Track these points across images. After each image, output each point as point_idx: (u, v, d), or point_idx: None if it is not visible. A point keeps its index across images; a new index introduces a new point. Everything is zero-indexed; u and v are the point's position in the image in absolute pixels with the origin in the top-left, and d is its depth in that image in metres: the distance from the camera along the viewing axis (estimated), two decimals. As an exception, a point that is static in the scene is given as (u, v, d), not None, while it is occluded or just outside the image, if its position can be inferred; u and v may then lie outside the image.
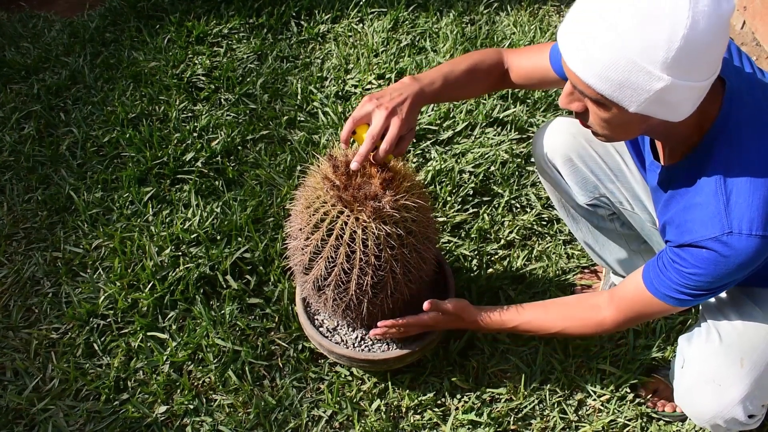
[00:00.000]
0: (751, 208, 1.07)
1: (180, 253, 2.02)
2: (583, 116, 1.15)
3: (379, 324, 1.57)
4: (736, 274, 1.13)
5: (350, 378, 1.79)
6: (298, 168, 2.27)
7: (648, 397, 1.75)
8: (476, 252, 2.06)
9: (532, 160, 2.32)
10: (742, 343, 1.32)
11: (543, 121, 2.43)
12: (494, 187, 2.25)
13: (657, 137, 1.22)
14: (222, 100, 2.57)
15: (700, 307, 1.47)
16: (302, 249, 1.48)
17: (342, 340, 1.72)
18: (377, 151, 1.34)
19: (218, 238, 2.06)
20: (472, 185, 2.23)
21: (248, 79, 2.63)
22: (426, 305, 1.52)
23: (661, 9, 0.93)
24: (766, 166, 1.09)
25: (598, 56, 0.99)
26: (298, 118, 2.49)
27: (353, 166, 1.34)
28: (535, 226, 2.15)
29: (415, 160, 2.33)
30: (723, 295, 1.42)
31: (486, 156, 2.32)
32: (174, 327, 1.89)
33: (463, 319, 1.55)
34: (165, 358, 1.81)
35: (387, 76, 2.62)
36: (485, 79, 1.51)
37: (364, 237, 1.40)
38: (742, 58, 1.19)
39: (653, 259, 1.27)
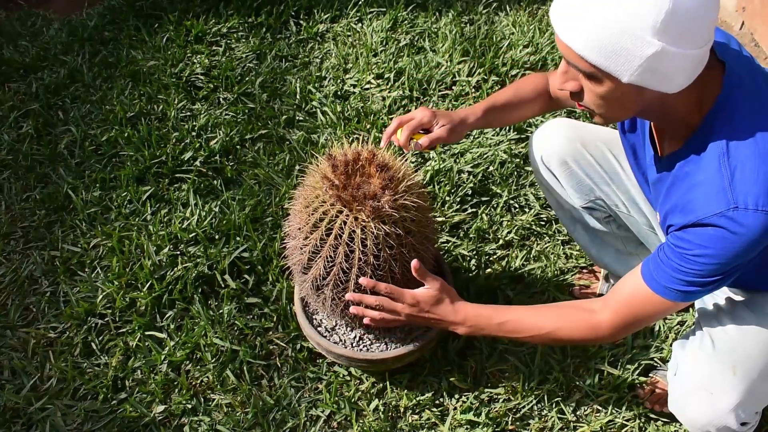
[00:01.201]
0: (756, 183, 1.04)
1: (178, 253, 2.02)
2: (578, 96, 1.14)
3: (361, 281, 1.43)
4: (744, 254, 1.09)
5: (348, 378, 1.79)
6: (297, 167, 2.27)
7: (646, 397, 1.75)
8: (475, 252, 2.06)
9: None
10: (736, 351, 1.30)
11: (542, 122, 2.43)
12: (493, 187, 2.25)
13: (656, 120, 1.20)
14: (221, 100, 2.57)
15: (696, 313, 1.47)
16: (301, 248, 1.48)
17: (340, 340, 1.72)
18: (402, 132, 1.51)
19: (216, 237, 2.06)
20: (471, 185, 2.23)
21: (247, 79, 2.63)
22: (414, 263, 1.38)
23: None
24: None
25: (589, 25, 1.00)
26: (297, 118, 2.49)
27: (381, 144, 1.51)
28: (534, 226, 2.15)
29: (413, 159, 2.33)
30: (719, 300, 1.40)
31: (485, 156, 2.32)
32: (172, 326, 1.88)
33: (445, 302, 1.41)
34: (163, 357, 1.81)
35: (386, 76, 2.62)
36: (532, 101, 1.60)
37: (363, 236, 1.40)
38: (741, 48, 1.19)
39: (653, 253, 1.22)
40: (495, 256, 2.07)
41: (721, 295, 1.41)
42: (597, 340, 1.35)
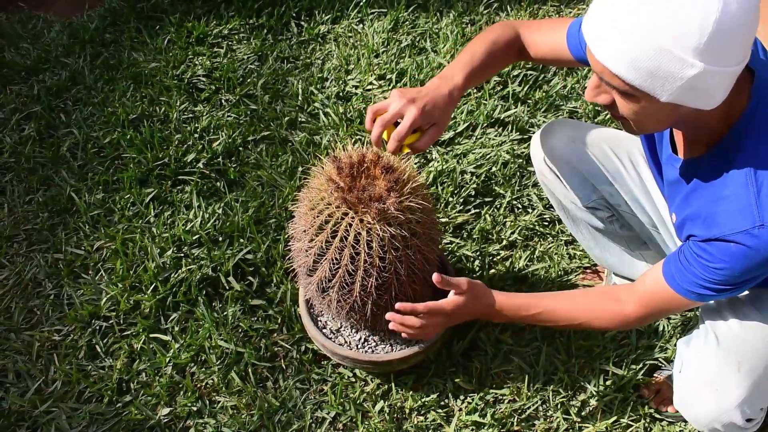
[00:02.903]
0: None
1: (182, 255, 2.02)
2: (612, 108, 1.12)
3: (398, 306, 1.42)
4: (764, 268, 1.11)
5: (353, 379, 1.79)
6: (300, 169, 2.27)
7: (651, 397, 1.76)
8: (478, 253, 2.06)
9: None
10: (740, 347, 1.30)
11: (544, 122, 2.43)
12: (496, 188, 2.25)
13: (683, 128, 1.19)
14: (223, 101, 2.57)
15: (699, 309, 1.47)
16: (306, 251, 1.48)
17: (345, 342, 1.72)
18: (390, 141, 1.33)
19: (220, 239, 2.06)
20: (474, 186, 2.23)
21: (249, 80, 2.63)
22: (435, 277, 1.37)
23: None
24: None
25: (628, 45, 0.97)
26: (299, 119, 2.49)
27: (374, 148, 1.38)
28: (537, 227, 2.15)
29: (416, 160, 2.33)
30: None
31: (487, 156, 2.32)
32: (176, 329, 1.88)
33: (479, 299, 1.43)
34: (168, 359, 1.81)
35: (388, 77, 2.62)
36: (504, 58, 1.49)
37: (369, 239, 1.40)
38: (766, 53, 1.18)
39: (674, 253, 1.24)
40: (499, 257, 2.07)
41: None
42: (625, 328, 1.47)
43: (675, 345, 1.84)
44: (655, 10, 0.93)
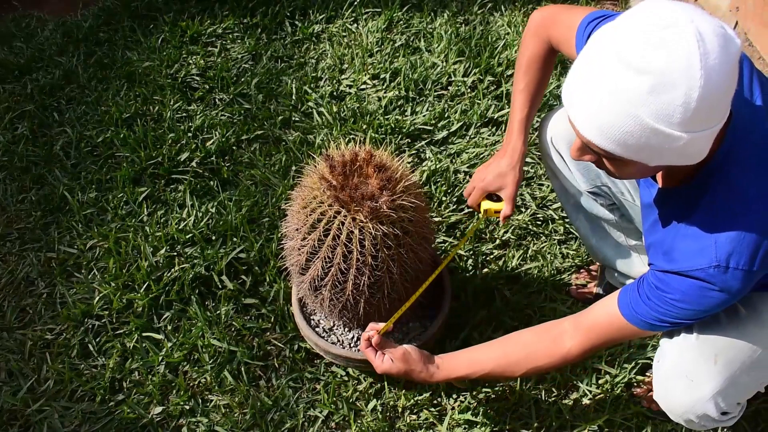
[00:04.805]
0: (741, 244, 1.08)
1: (175, 254, 2.02)
2: (597, 163, 1.15)
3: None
4: (721, 307, 1.15)
5: (346, 378, 1.79)
6: (293, 168, 2.27)
7: (643, 396, 1.76)
8: (471, 252, 2.06)
9: (535, 151, 2.32)
10: (718, 341, 1.32)
11: (537, 121, 2.43)
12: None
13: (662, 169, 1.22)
14: (216, 100, 2.57)
15: None
16: (299, 249, 1.48)
17: (338, 341, 1.72)
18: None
19: (213, 238, 2.06)
20: (468, 185, 2.23)
21: (243, 79, 2.63)
22: (376, 339, 1.45)
23: (674, 72, 0.91)
24: (760, 204, 1.09)
25: (614, 125, 0.98)
26: (293, 118, 2.49)
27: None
28: (530, 226, 2.16)
29: (410, 160, 2.33)
30: None
31: (481, 156, 2.32)
32: (169, 327, 1.88)
33: (412, 369, 1.47)
34: (160, 358, 1.81)
35: (382, 76, 2.62)
36: (547, 74, 1.57)
37: (361, 237, 1.40)
38: (753, 84, 1.16)
39: (631, 284, 1.27)
40: (492, 256, 2.07)
41: None
42: (567, 364, 1.46)
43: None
44: (640, 90, 0.93)
